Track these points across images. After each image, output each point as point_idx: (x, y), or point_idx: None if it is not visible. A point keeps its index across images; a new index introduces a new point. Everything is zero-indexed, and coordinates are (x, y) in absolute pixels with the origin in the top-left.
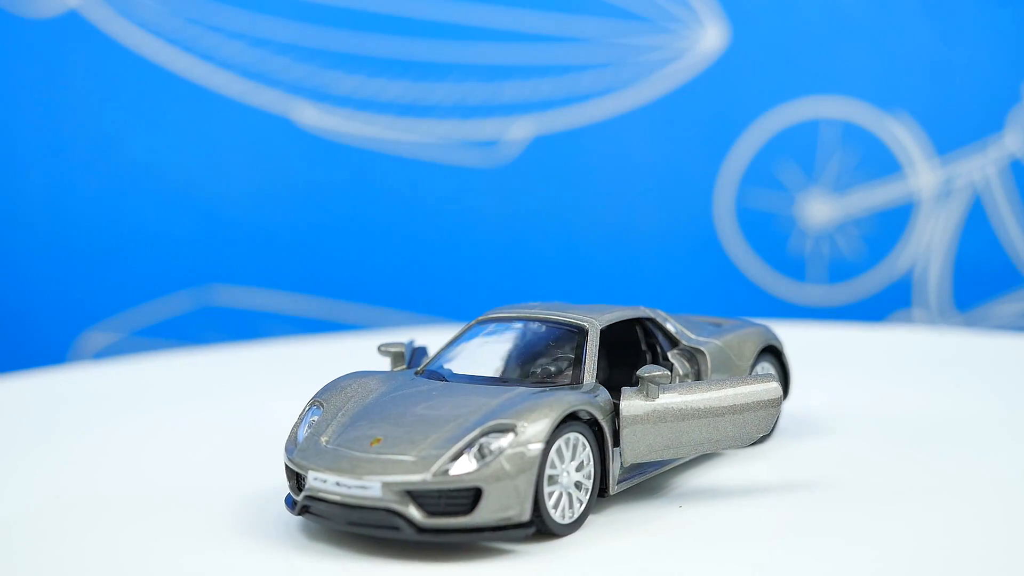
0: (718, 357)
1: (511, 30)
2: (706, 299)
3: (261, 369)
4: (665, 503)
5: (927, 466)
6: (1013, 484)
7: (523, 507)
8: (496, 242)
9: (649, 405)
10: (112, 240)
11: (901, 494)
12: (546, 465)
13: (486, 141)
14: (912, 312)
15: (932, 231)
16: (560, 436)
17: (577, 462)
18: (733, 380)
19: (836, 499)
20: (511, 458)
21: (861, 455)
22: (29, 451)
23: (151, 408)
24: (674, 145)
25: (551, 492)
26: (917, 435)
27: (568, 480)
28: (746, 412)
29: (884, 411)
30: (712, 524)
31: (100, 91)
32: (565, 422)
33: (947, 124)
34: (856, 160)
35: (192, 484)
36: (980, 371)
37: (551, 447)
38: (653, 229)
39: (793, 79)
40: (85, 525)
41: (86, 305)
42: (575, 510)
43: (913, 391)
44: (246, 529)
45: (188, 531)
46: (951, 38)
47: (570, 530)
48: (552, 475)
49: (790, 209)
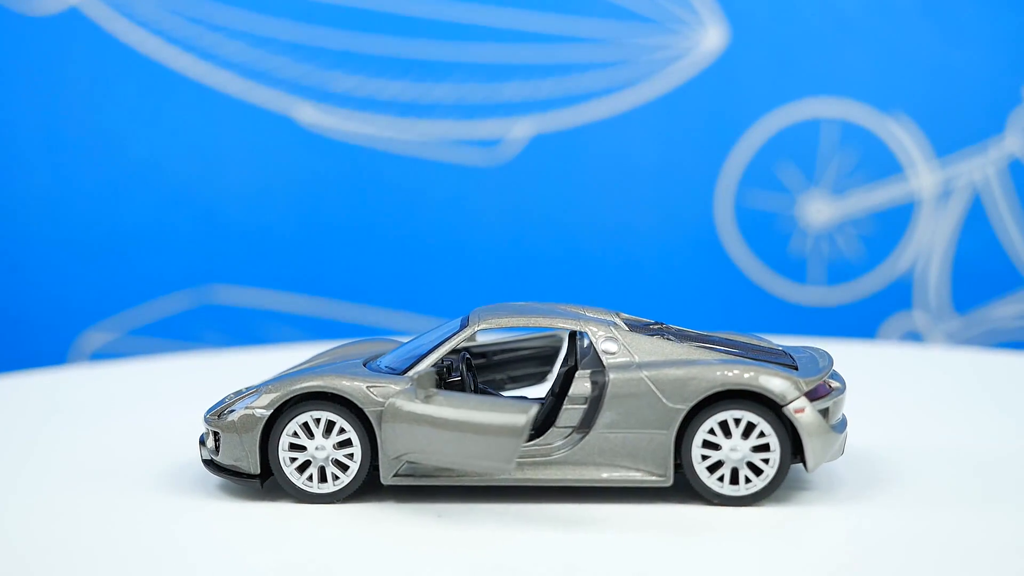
0: (627, 389)
1: (511, 30)
2: (706, 299)
3: (261, 369)
4: (663, 504)
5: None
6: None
7: (250, 461)
8: (496, 242)
9: (408, 405)
10: (111, 239)
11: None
12: (281, 432)
13: (486, 141)
14: (912, 313)
15: (932, 232)
16: (305, 412)
17: (335, 440)
18: (486, 400)
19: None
20: (242, 417)
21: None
22: (29, 450)
23: (151, 408)
24: (674, 145)
25: (295, 459)
26: (985, 483)
27: (323, 455)
28: (488, 435)
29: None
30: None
31: (100, 89)
32: (328, 401)
33: (947, 125)
34: (856, 161)
35: (193, 481)
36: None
37: (293, 419)
38: (653, 229)
39: (793, 80)
40: (86, 524)
41: (85, 305)
42: (331, 483)
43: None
44: (245, 524)
45: (188, 529)
46: (952, 39)
47: (328, 499)
48: (296, 444)
49: (790, 210)
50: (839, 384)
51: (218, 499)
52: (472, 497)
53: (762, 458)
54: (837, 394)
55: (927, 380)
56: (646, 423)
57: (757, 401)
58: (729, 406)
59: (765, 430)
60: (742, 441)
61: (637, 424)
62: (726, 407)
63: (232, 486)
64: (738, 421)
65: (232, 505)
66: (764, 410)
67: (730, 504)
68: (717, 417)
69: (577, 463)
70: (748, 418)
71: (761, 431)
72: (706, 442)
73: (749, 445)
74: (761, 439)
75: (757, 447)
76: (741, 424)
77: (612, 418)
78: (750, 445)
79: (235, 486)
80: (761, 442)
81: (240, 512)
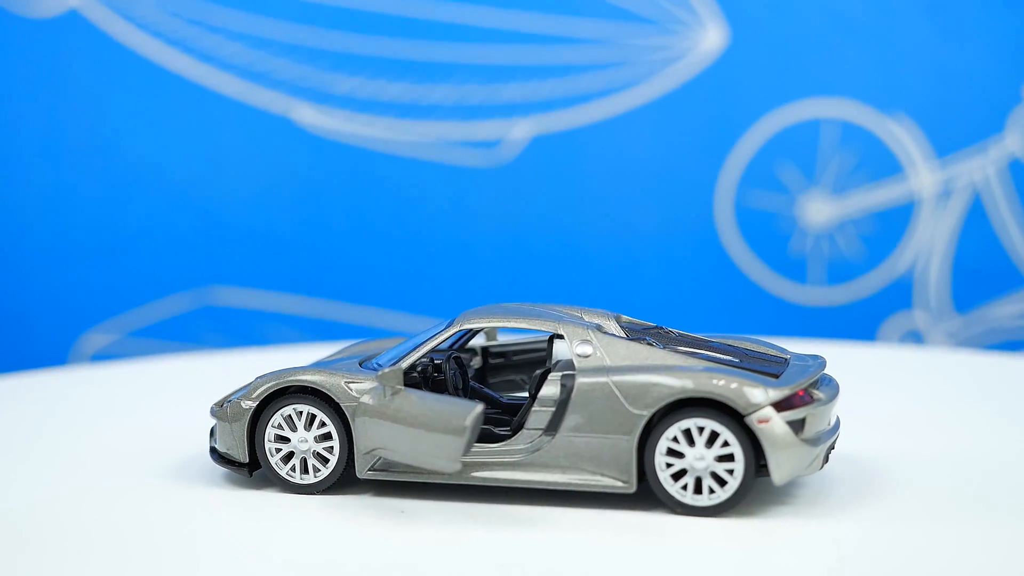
0: (592, 393)
1: (511, 31)
2: (706, 299)
3: (261, 369)
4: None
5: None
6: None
7: (240, 450)
8: (496, 243)
9: (373, 401)
10: (111, 240)
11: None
12: (267, 423)
13: (486, 142)
14: (913, 313)
15: (932, 232)
16: (290, 405)
17: (317, 433)
18: (440, 400)
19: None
20: (232, 406)
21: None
22: (28, 449)
23: (150, 408)
24: (674, 145)
25: (279, 449)
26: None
27: (305, 447)
28: (436, 433)
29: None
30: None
31: (100, 91)
32: (311, 395)
33: (947, 125)
34: (856, 161)
35: (191, 479)
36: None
37: (278, 411)
38: (653, 229)
39: (793, 80)
40: (85, 521)
41: (85, 306)
42: (313, 475)
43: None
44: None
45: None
46: (952, 39)
47: (309, 490)
48: (281, 435)
49: (791, 210)
50: (822, 395)
51: (222, 491)
52: (444, 495)
53: (726, 469)
54: (819, 404)
55: (925, 383)
56: (609, 428)
57: (721, 410)
58: (693, 414)
59: (729, 440)
60: (706, 450)
61: (601, 429)
62: (690, 415)
63: (234, 481)
64: (701, 429)
65: (232, 498)
66: (728, 419)
67: (693, 514)
68: (680, 425)
69: (543, 466)
70: (712, 427)
71: (725, 441)
72: (671, 450)
73: (713, 455)
74: (725, 449)
75: (722, 457)
76: (705, 433)
77: (576, 422)
78: (714, 455)
79: (237, 481)
80: (725, 452)
81: (240, 506)
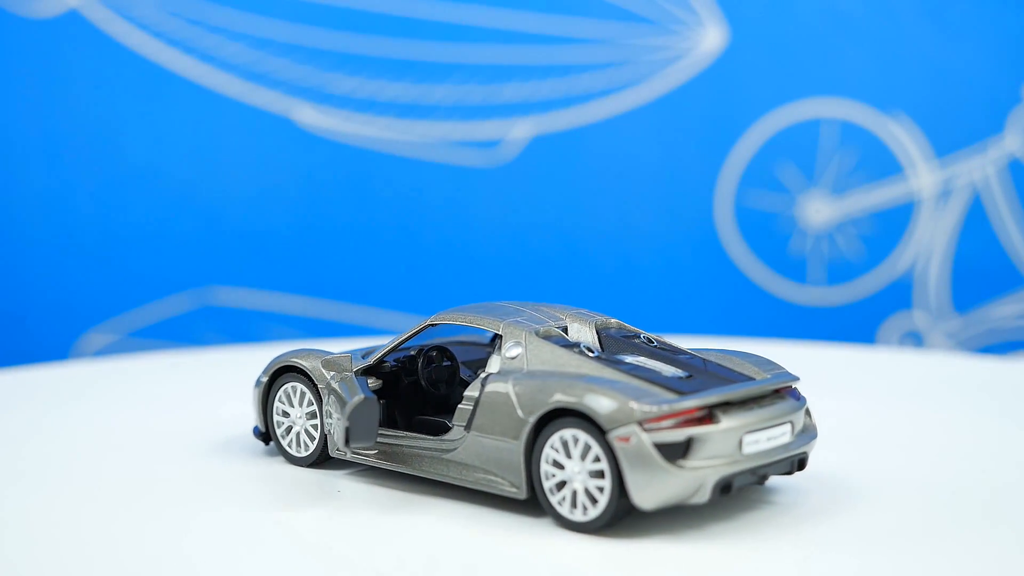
0: (495, 396)
1: (511, 31)
2: (706, 299)
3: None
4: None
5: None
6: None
7: (259, 420)
8: (496, 243)
9: (330, 384)
10: (112, 240)
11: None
12: (273, 399)
13: (486, 142)
14: (912, 313)
15: (932, 232)
16: (288, 383)
17: (307, 411)
18: (357, 386)
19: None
20: (257, 381)
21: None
22: (27, 447)
23: (149, 408)
24: (674, 145)
25: (280, 423)
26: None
27: (301, 424)
28: (339, 419)
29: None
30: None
31: (100, 91)
32: (304, 376)
33: (947, 125)
34: (856, 161)
35: (191, 477)
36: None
37: (281, 388)
38: (653, 229)
39: (793, 80)
40: (86, 520)
41: (85, 306)
42: (302, 450)
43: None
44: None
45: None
46: (951, 39)
47: (302, 462)
48: (285, 411)
49: (790, 210)
50: (743, 419)
51: (226, 495)
52: (408, 483)
53: (596, 485)
54: (726, 428)
55: (924, 386)
56: (504, 432)
57: (593, 424)
58: (569, 425)
59: (599, 455)
60: (581, 463)
61: (498, 432)
62: (567, 426)
63: (231, 475)
64: (576, 441)
65: (234, 497)
66: (598, 434)
67: (573, 529)
68: (562, 435)
69: (461, 462)
70: (584, 439)
71: (596, 455)
72: (556, 461)
73: (588, 469)
74: (596, 464)
75: (595, 473)
76: (579, 445)
77: (481, 422)
78: (588, 469)
79: (235, 475)
80: (597, 467)
81: (242, 505)
